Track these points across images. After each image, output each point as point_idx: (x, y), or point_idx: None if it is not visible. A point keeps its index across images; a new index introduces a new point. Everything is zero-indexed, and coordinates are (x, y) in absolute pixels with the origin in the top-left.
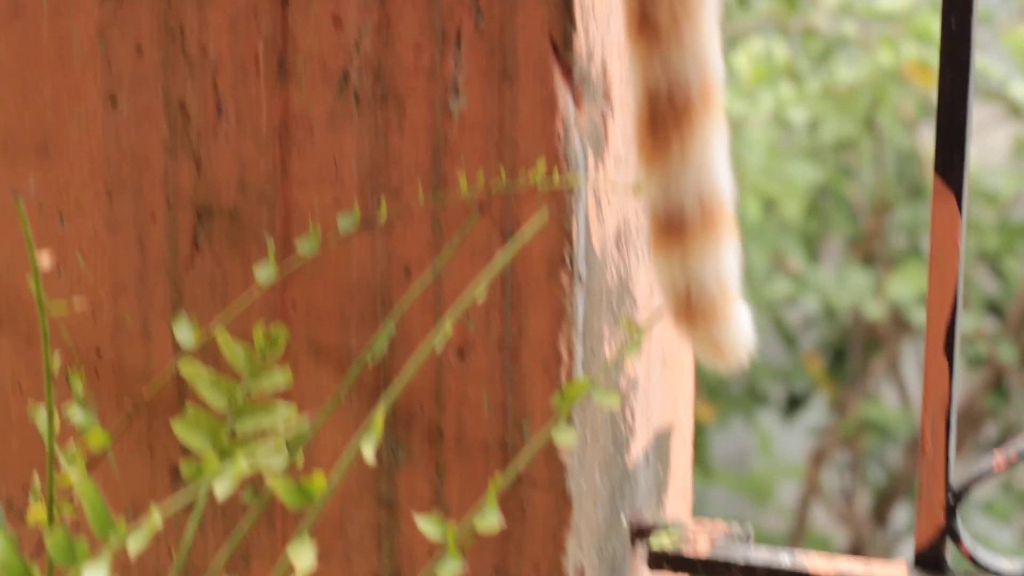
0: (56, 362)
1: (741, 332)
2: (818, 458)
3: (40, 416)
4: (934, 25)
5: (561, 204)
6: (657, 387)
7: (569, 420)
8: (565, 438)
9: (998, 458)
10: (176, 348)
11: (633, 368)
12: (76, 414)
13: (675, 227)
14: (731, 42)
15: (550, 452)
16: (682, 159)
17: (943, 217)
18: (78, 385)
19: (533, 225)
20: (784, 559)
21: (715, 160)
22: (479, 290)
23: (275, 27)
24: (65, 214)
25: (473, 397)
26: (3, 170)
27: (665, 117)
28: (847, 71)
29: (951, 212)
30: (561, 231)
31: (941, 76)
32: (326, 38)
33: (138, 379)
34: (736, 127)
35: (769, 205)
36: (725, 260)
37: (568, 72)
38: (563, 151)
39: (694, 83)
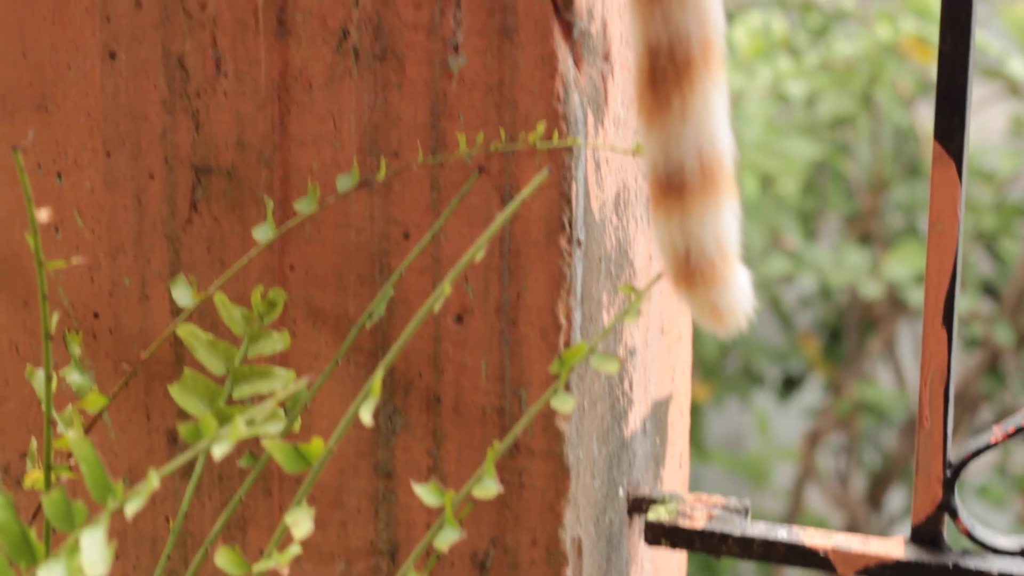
0: (54, 322)
1: (740, 295)
2: (813, 440)
3: (38, 379)
4: (932, 0)
5: (560, 167)
6: (655, 357)
7: (567, 388)
8: (564, 404)
9: (996, 432)
10: (174, 310)
11: (631, 337)
12: (73, 377)
13: (675, 187)
14: (730, 16)
15: (548, 421)
16: (682, 117)
17: (943, 185)
18: (75, 348)
19: (534, 184)
20: (781, 533)
21: (716, 118)
22: (478, 250)
23: None
24: (63, 172)
25: (471, 363)
26: (1, 126)
27: (666, 73)
28: (845, 45)
29: (951, 179)
30: (560, 194)
31: (942, 39)
32: None
33: (135, 342)
34: (734, 101)
35: (766, 181)
36: (725, 221)
37: (568, 31)
38: (563, 112)
39: (695, 38)
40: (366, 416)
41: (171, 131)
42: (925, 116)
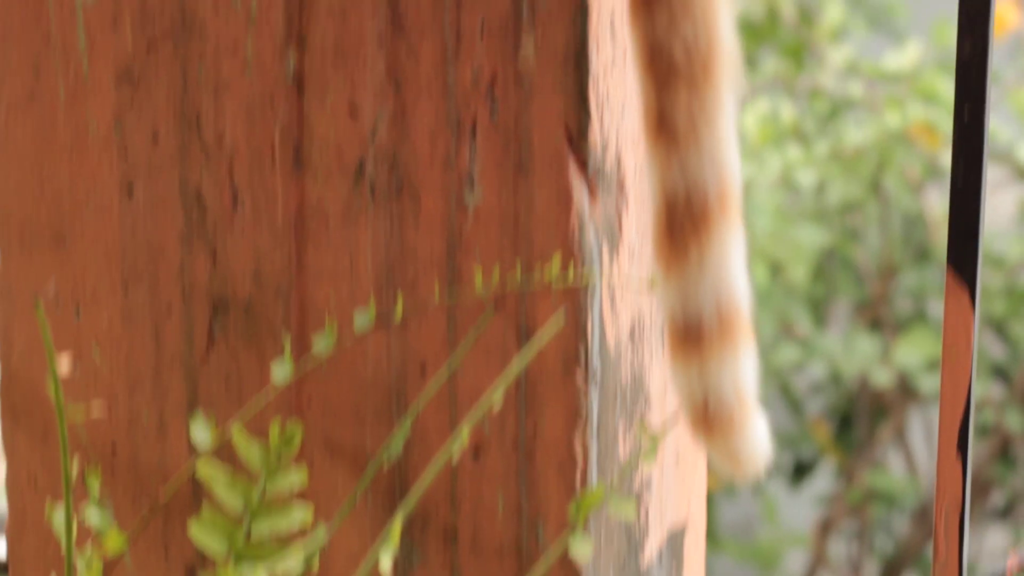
0: (75, 468)
1: (758, 442)
2: (825, 527)
3: (58, 520)
4: (940, 85)
5: (576, 300)
6: (671, 485)
7: (584, 526)
8: (581, 550)
9: (1011, 562)
10: (192, 443)
11: (647, 467)
12: (93, 516)
13: (693, 335)
14: (738, 102)
15: (565, 557)
16: (700, 266)
17: (956, 312)
18: (95, 486)
19: (549, 329)
20: None
21: (733, 267)
22: (496, 396)
23: (291, 115)
24: (81, 305)
25: (488, 498)
26: (19, 259)
27: (683, 223)
28: (854, 133)
29: (964, 307)
30: (576, 328)
31: (954, 167)
32: (342, 127)
33: (154, 475)
34: (743, 190)
35: (776, 268)
36: (743, 369)
37: (583, 165)
38: (578, 246)
39: (712, 188)
40: (385, 563)
41: (188, 265)
42: (934, 201)
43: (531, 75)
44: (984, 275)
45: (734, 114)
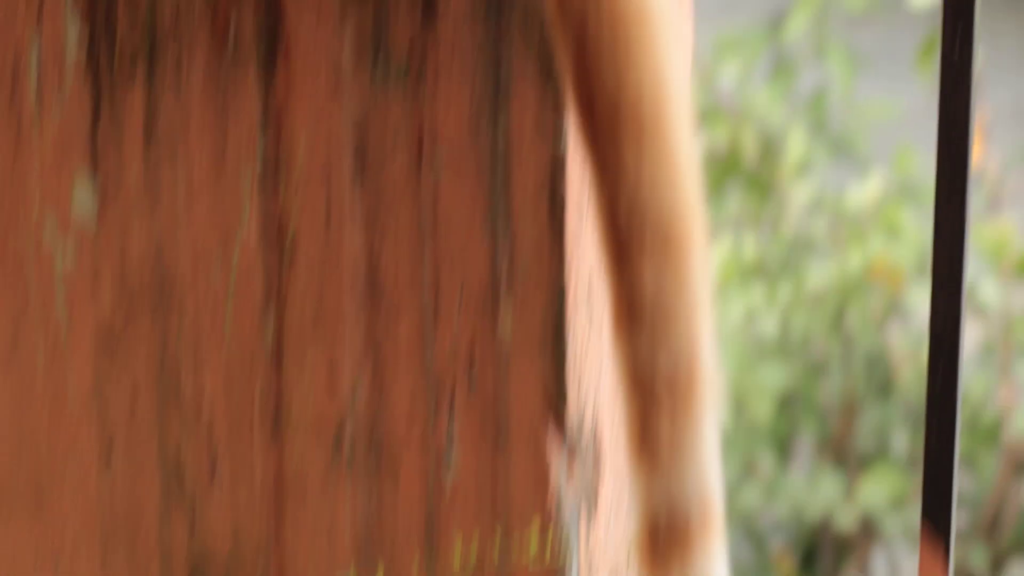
0: None
1: None
2: None
3: None
4: (902, 218)
5: (553, 573)
6: None
7: None
8: None
9: None
10: None
11: None
12: None
13: None
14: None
15: None
16: None
17: (929, 567)
18: None
19: None
20: None
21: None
22: None
23: (270, 384)
24: (59, 569)
25: None
26: None
27: (665, 544)
28: (817, 275)
29: (938, 562)
30: None
31: (927, 433)
32: (320, 397)
33: None
34: None
35: (739, 407)
36: None
37: (561, 435)
38: (555, 518)
39: (695, 509)
40: None
41: (167, 531)
42: (896, 338)
43: (509, 345)
44: None
45: (716, 431)
